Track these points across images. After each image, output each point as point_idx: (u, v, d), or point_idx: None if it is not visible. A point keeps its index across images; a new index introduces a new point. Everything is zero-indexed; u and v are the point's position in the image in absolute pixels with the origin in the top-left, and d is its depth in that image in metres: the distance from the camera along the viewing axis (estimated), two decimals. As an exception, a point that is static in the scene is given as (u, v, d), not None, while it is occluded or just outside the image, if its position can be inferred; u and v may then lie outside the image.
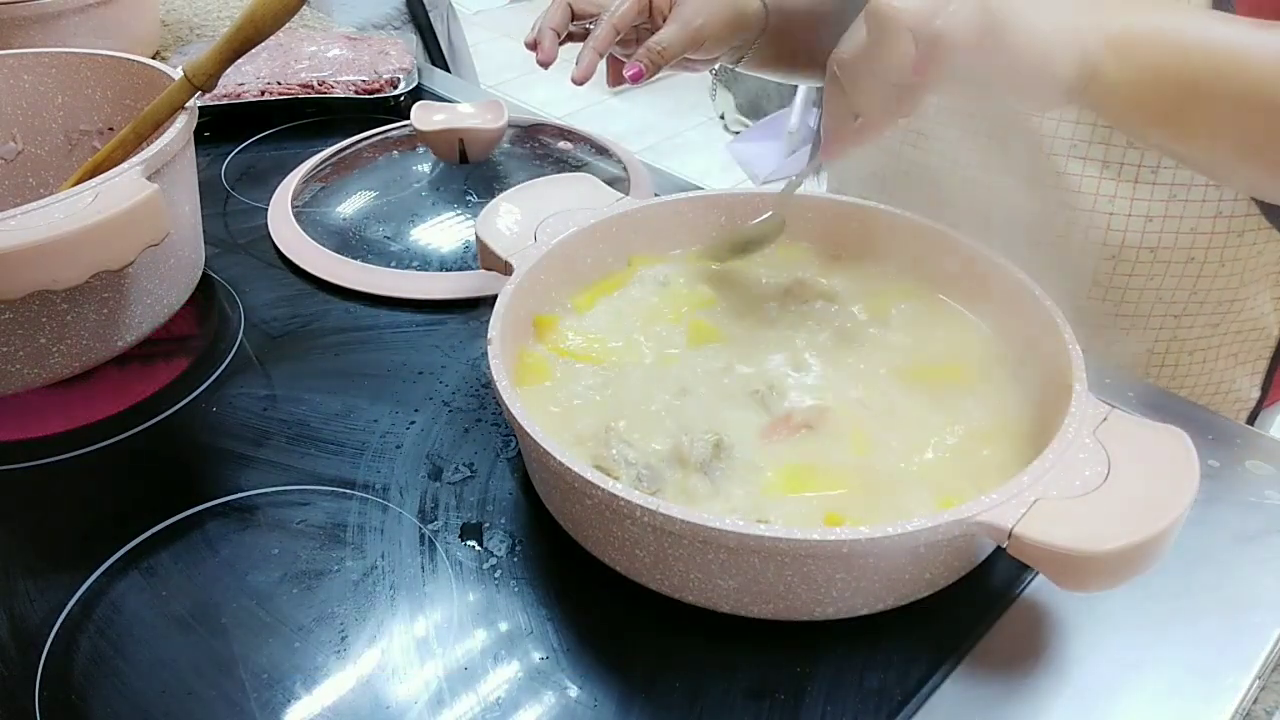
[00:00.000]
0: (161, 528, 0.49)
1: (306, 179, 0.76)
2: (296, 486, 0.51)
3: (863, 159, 0.76)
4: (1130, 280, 0.66)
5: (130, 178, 0.51)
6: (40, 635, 0.44)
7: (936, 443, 0.48)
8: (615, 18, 0.71)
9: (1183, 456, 0.41)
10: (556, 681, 0.42)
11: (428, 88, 0.93)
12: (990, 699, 0.42)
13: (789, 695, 0.41)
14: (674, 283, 0.58)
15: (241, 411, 0.56)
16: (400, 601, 0.45)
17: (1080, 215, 0.64)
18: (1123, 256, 0.65)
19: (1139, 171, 0.62)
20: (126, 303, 0.58)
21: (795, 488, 0.45)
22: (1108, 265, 0.65)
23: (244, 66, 0.88)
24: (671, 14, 0.72)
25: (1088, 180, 0.63)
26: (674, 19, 0.71)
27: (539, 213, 0.58)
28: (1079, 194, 0.64)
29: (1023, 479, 0.40)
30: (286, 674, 0.42)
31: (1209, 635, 0.44)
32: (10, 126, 0.70)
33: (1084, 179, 0.63)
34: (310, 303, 0.65)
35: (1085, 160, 0.63)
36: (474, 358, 0.60)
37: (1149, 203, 0.63)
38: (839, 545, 0.38)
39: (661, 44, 0.70)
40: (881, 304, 0.57)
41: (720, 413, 0.49)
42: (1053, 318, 0.49)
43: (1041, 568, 0.39)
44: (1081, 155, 0.63)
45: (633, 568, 0.44)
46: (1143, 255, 0.64)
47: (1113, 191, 0.63)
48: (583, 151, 0.80)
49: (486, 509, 0.50)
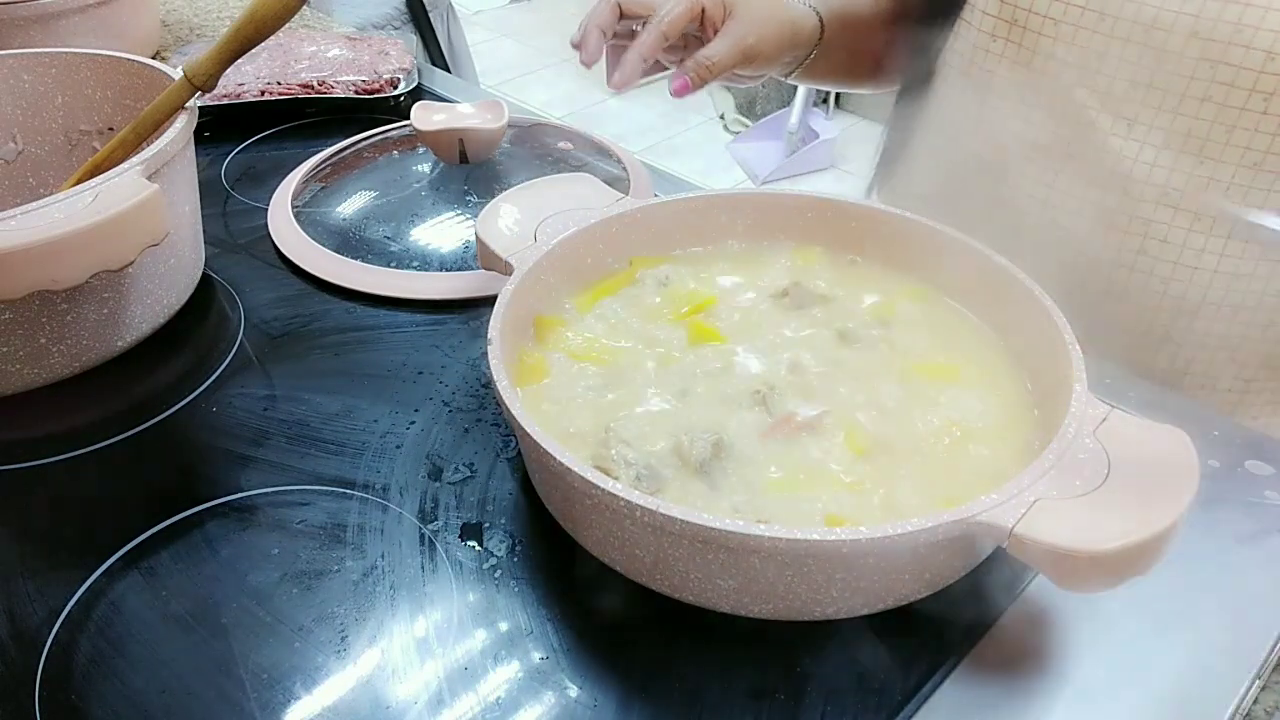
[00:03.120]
0: (161, 528, 0.49)
1: (306, 179, 0.76)
2: (296, 486, 0.51)
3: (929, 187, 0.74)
4: (1205, 339, 0.63)
5: (130, 178, 0.51)
6: (40, 635, 0.44)
7: (936, 443, 0.48)
8: (665, 24, 0.68)
9: (1183, 456, 0.41)
10: (556, 681, 0.42)
11: (428, 88, 0.93)
12: (990, 699, 0.42)
13: (789, 695, 0.41)
14: (674, 283, 0.58)
15: (241, 411, 0.56)
16: (400, 601, 0.45)
17: (1161, 266, 0.61)
18: (1201, 314, 0.62)
19: (1233, 226, 0.59)
20: (126, 303, 0.58)
21: (795, 488, 0.45)
22: (1184, 321, 0.62)
23: (244, 66, 0.88)
24: (724, 28, 0.69)
25: (1175, 230, 0.60)
26: (726, 34, 0.68)
27: (539, 213, 0.58)
28: (1164, 244, 0.61)
29: (1022, 479, 0.40)
30: (286, 674, 0.42)
31: (1209, 635, 0.44)
32: (10, 126, 0.70)
33: (1172, 229, 0.60)
34: (310, 303, 0.65)
35: (1176, 210, 0.60)
36: (474, 358, 0.60)
37: (1239, 260, 0.60)
38: (839, 545, 0.38)
39: (711, 59, 0.68)
40: (882, 304, 0.57)
41: (720, 413, 0.49)
42: (1053, 318, 0.49)
43: (1041, 568, 0.39)
44: (1173, 204, 0.60)
45: (633, 568, 0.44)
46: (1223, 313, 0.61)
47: (1201, 245, 0.60)
48: (583, 152, 0.80)
49: (486, 509, 0.50)
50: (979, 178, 0.69)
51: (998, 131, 0.66)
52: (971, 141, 0.69)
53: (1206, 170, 0.58)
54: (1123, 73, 0.58)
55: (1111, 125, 0.60)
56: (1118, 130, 0.60)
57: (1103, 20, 0.58)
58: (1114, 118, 0.60)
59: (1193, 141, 0.58)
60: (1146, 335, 0.64)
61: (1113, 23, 0.58)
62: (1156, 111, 0.58)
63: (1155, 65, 0.57)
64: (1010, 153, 0.66)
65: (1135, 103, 0.59)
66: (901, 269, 0.58)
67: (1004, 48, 0.64)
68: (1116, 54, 0.58)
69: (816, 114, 2.95)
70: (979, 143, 0.68)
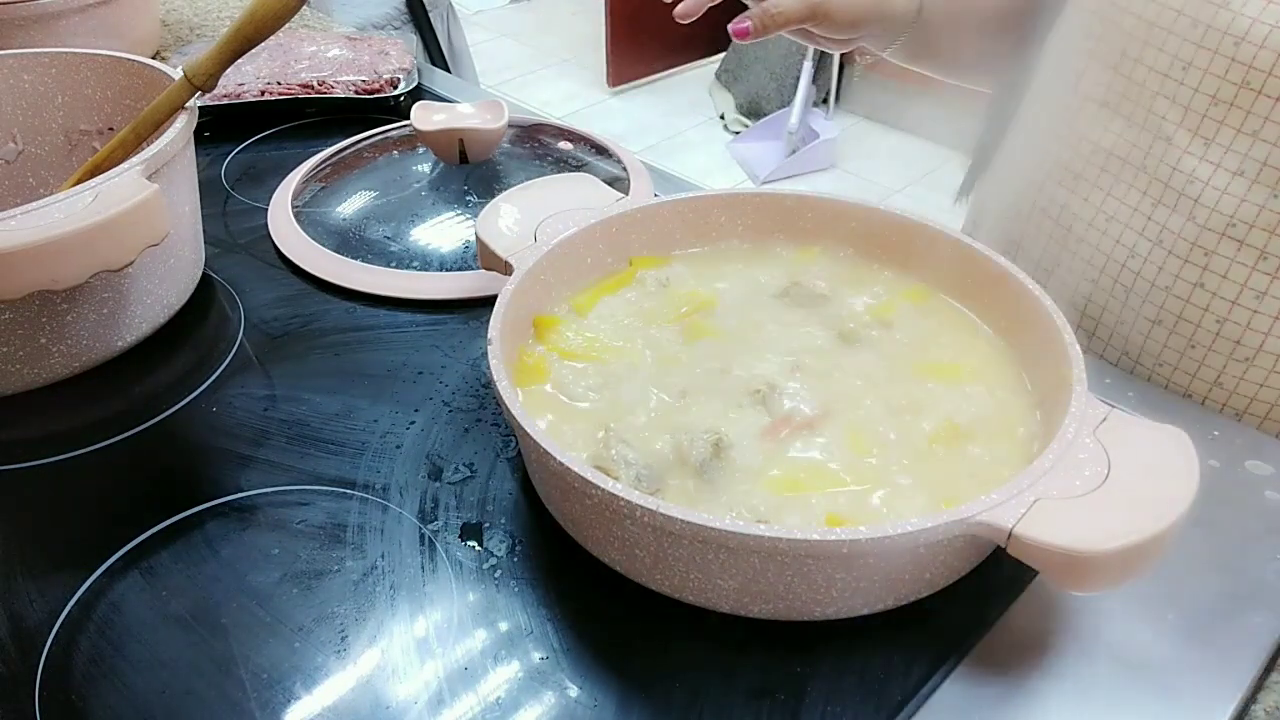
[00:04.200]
0: (161, 528, 0.49)
1: (306, 179, 0.76)
2: (296, 486, 0.51)
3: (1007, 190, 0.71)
4: (1260, 392, 0.58)
5: (130, 178, 0.52)
6: (40, 635, 0.44)
7: (937, 443, 0.48)
8: None
9: (1183, 456, 0.41)
10: (556, 681, 0.42)
11: (428, 88, 0.93)
12: (991, 699, 0.42)
13: (789, 695, 0.41)
14: (674, 283, 0.58)
15: (241, 411, 0.56)
16: (400, 601, 0.45)
17: (1218, 303, 0.57)
18: (1257, 362, 0.58)
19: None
20: (126, 303, 0.58)
21: (795, 488, 0.45)
22: (1236, 368, 0.58)
23: (244, 66, 0.88)
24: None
25: (1238, 267, 0.56)
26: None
27: (539, 213, 0.58)
28: (1224, 279, 0.57)
29: (1022, 479, 0.40)
30: (286, 674, 0.42)
31: (1209, 635, 0.44)
32: (10, 126, 0.70)
33: (1234, 264, 0.56)
34: (310, 303, 0.65)
35: (1241, 245, 0.55)
36: (474, 358, 0.60)
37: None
38: (839, 545, 0.38)
39: (779, 6, 0.66)
40: (882, 304, 0.57)
41: (720, 413, 0.49)
42: (1053, 318, 0.49)
43: (1041, 568, 0.39)
44: (1239, 238, 0.55)
45: (633, 568, 0.44)
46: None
47: (1264, 287, 0.55)
48: (583, 151, 0.80)
49: (486, 509, 0.50)
50: (1054, 181, 0.66)
51: (1077, 134, 0.63)
52: (1052, 143, 0.66)
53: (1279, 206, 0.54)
54: (1206, 86, 0.55)
55: (1189, 142, 0.56)
56: (1194, 149, 0.56)
57: (1194, 27, 0.54)
58: (1191, 135, 0.56)
59: (1269, 172, 0.54)
60: (1195, 376, 0.60)
61: (1204, 31, 0.54)
62: (1235, 133, 0.54)
63: (1240, 82, 0.53)
64: (1086, 159, 0.63)
65: (1215, 121, 0.55)
66: (902, 269, 0.58)
67: (1096, 46, 0.61)
68: (1202, 65, 0.54)
69: (817, 114, 2.95)
70: (1059, 145, 0.65)
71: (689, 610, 0.43)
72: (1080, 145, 0.63)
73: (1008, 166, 0.73)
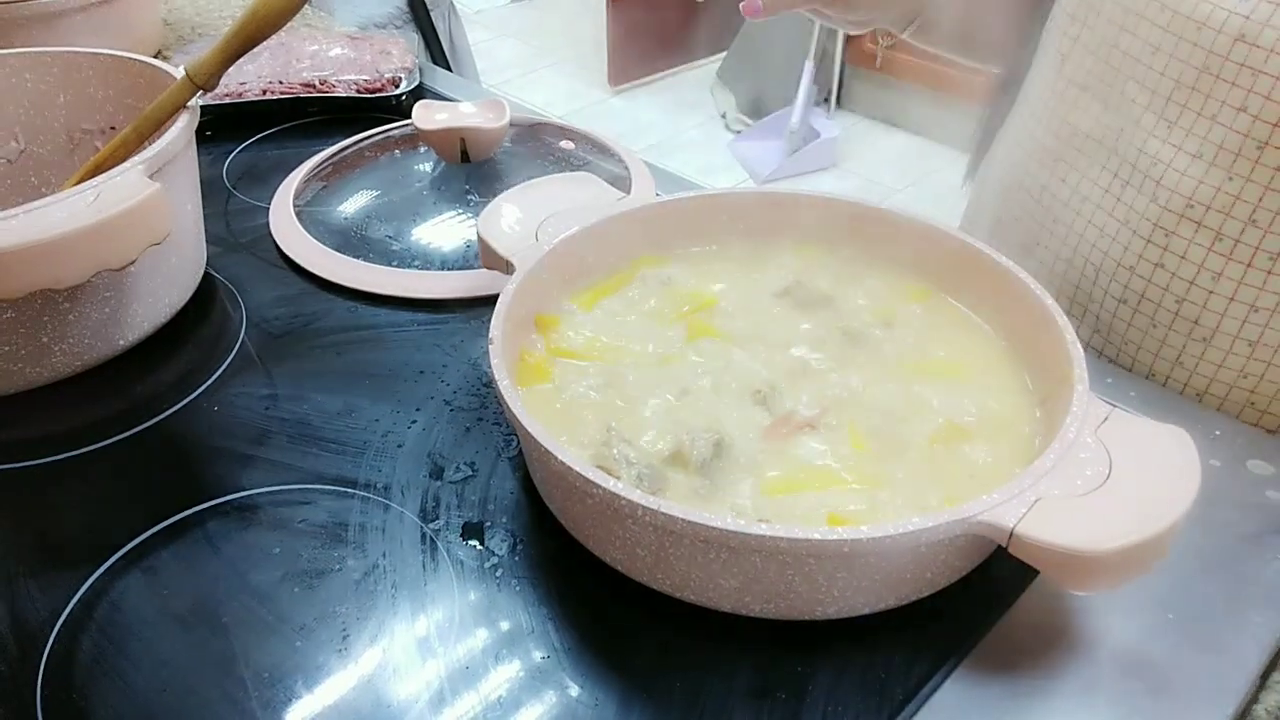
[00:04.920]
0: (162, 527, 0.49)
1: (308, 178, 0.76)
2: (298, 486, 0.51)
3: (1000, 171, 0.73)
4: (1220, 372, 0.60)
5: (132, 177, 0.52)
6: (42, 634, 0.44)
7: (938, 442, 0.48)
8: None
9: (1184, 456, 0.41)
10: (557, 681, 0.42)
11: (429, 87, 0.93)
12: (991, 698, 0.42)
13: (790, 695, 0.41)
14: (676, 282, 0.58)
15: (243, 410, 0.57)
16: (402, 601, 0.45)
17: (1177, 283, 0.59)
18: (1214, 342, 0.59)
19: (1255, 255, 0.56)
20: (128, 302, 0.58)
21: (797, 487, 0.45)
22: (1195, 348, 0.60)
23: (245, 66, 0.88)
24: None
25: (1195, 248, 0.57)
26: None
27: (540, 212, 0.58)
28: (1183, 260, 0.58)
29: (1024, 479, 0.40)
30: (288, 673, 0.42)
31: (1209, 635, 0.44)
32: (12, 126, 0.70)
33: (1192, 245, 0.57)
34: (312, 302, 0.65)
35: (1199, 226, 0.57)
36: (475, 357, 0.60)
37: (1258, 291, 0.56)
38: (840, 545, 0.38)
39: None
40: (883, 304, 0.57)
41: (722, 412, 0.49)
42: (1054, 318, 0.49)
43: (1042, 568, 0.39)
44: (1196, 219, 0.57)
45: (634, 567, 0.44)
46: (1238, 347, 0.58)
47: (1219, 268, 0.57)
48: (584, 151, 0.80)
49: (488, 508, 0.50)
50: (1036, 162, 0.67)
51: (1058, 117, 0.65)
52: (1036, 126, 0.67)
53: (1233, 188, 0.55)
54: (1171, 71, 0.56)
55: (1154, 125, 0.58)
56: (1158, 132, 0.58)
57: (1163, 12, 0.56)
58: (1157, 118, 0.58)
59: (1224, 155, 0.55)
60: (1158, 356, 0.62)
61: (1170, 16, 0.56)
62: (1196, 117, 0.56)
63: (1201, 66, 0.55)
64: (1065, 141, 0.64)
65: (1178, 105, 0.56)
66: (903, 269, 0.58)
67: (1080, 31, 0.63)
68: (1169, 50, 0.56)
69: (818, 113, 2.95)
70: (1042, 128, 0.66)
71: (690, 609, 0.43)
72: (1060, 128, 0.65)
73: (1002, 148, 0.74)
